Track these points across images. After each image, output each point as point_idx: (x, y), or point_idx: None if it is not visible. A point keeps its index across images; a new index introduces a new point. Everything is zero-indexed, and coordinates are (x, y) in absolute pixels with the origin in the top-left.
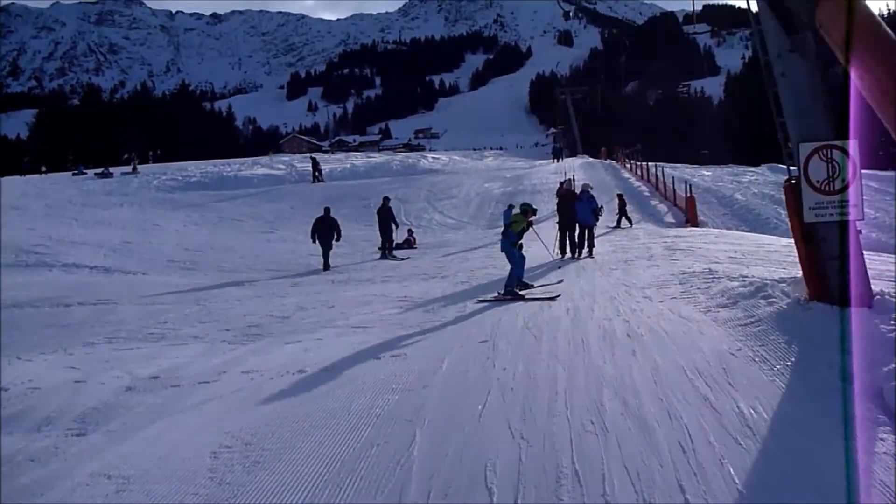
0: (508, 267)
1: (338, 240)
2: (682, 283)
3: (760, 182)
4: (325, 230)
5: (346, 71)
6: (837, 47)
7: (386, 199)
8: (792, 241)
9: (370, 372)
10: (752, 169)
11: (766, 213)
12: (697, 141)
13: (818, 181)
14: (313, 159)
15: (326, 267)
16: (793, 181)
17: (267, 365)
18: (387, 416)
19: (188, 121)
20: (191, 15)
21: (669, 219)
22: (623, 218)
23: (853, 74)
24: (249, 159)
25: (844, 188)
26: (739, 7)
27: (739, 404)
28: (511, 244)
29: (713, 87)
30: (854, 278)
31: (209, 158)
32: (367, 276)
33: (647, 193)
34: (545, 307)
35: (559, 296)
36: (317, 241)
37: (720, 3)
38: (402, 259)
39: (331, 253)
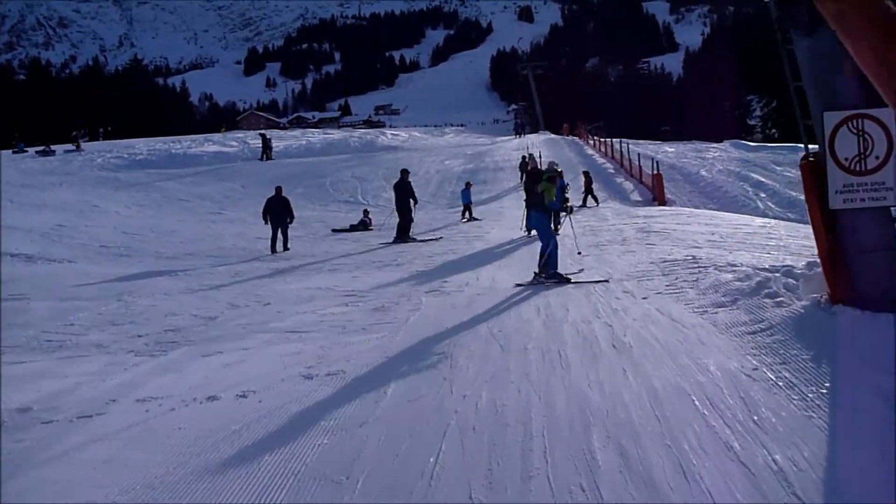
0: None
1: (290, 222)
2: (664, 274)
3: (724, 159)
4: (277, 211)
5: (304, 46)
6: (831, 16)
7: (405, 173)
8: (767, 221)
9: (297, 399)
10: (715, 145)
11: (734, 190)
12: (658, 117)
13: (847, 159)
14: (263, 136)
15: (274, 250)
16: (811, 158)
17: (172, 388)
18: (309, 472)
19: (141, 97)
20: None
21: (636, 197)
22: (589, 196)
23: (847, 44)
24: (202, 136)
25: (880, 166)
26: None
27: (774, 455)
28: (547, 218)
29: (673, 64)
30: (891, 277)
31: (163, 135)
32: (315, 264)
33: (611, 171)
34: (511, 305)
35: (607, 280)
36: (268, 223)
37: None
38: (432, 239)
39: (280, 235)
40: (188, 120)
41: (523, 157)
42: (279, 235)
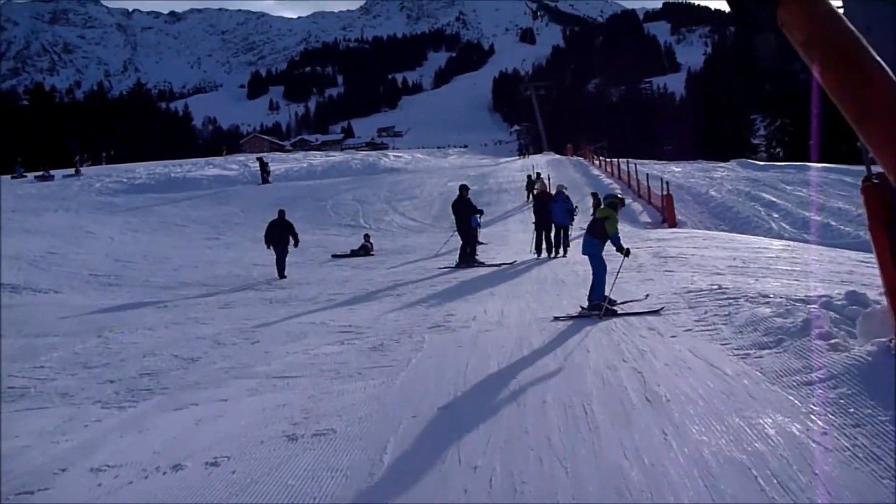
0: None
1: (295, 245)
2: (691, 307)
3: (733, 178)
4: (280, 235)
5: (307, 69)
6: (799, 45)
7: (464, 189)
8: (787, 244)
9: (276, 468)
10: (722, 164)
11: (745, 211)
12: (660, 137)
13: None
14: (260, 160)
15: (282, 275)
16: (875, 180)
17: (134, 453)
18: None
19: (144, 121)
20: (148, 13)
21: (645, 218)
22: None
23: (815, 72)
24: (203, 159)
25: None
26: (699, 4)
27: None
28: (599, 249)
29: (675, 84)
30: None
31: (165, 159)
32: (312, 294)
33: (620, 192)
34: (524, 344)
35: (662, 308)
36: (271, 248)
37: (680, 0)
38: (504, 264)
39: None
40: (191, 144)
41: (529, 177)
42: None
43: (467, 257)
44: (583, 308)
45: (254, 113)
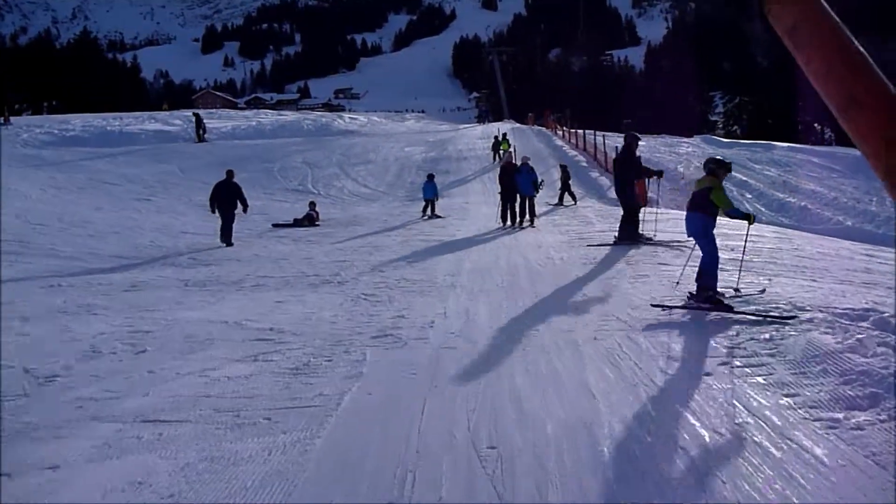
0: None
1: (244, 211)
2: (714, 322)
3: (699, 155)
4: (227, 198)
5: (264, 26)
6: (785, 32)
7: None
8: (779, 231)
9: None
10: (686, 140)
11: None
12: (620, 110)
13: None
14: (196, 115)
15: (229, 243)
16: None
17: None
18: None
19: (89, 71)
20: None
21: (613, 194)
22: (566, 193)
23: (800, 60)
24: (146, 113)
25: None
26: None
27: None
28: (708, 226)
29: (635, 58)
30: None
31: (111, 111)
32: (238, 275)
33: (585, 164)
34: (504, 376)
35: (794, 317)
36: (216, 212)
37: None
38: (675, 243)
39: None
40: (140, 97)
41: (495, 138)
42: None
43: (630, 233)
44: (691, 296)
45: (208, 68)
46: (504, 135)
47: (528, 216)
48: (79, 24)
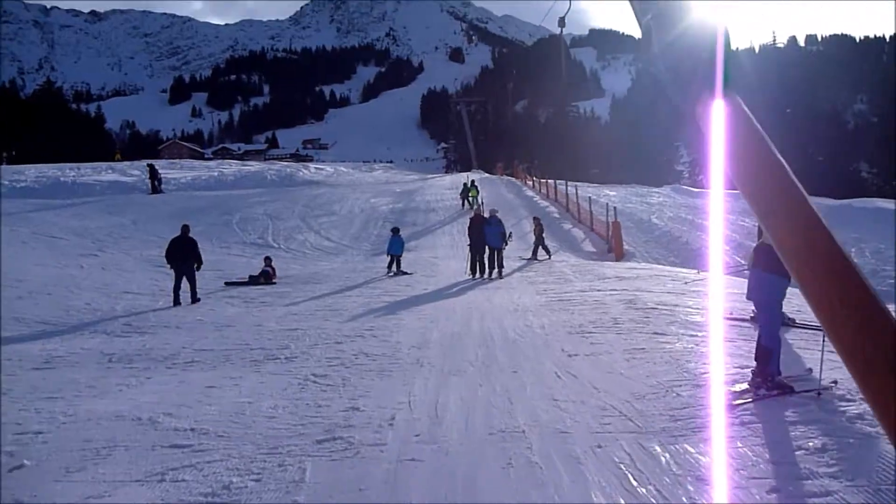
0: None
1: (198, 268)
2: (743, 422)
3: (671, 205)
4: (182, 254)
5: (232, 77)
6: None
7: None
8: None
9: None
10: (657, 190)
11: (693, 241)
12: (587, 160)
13: None
14: (151, 166)
15: (177, 301)
16: None
17: None
18: None
19: (52, 121)
20: (67, 11)
21: (588, 247)
22: (540, 247)
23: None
24: (105, 163)
25: None
26: (624, 33)
27: None
28: (779, 292)
29: (601, 109)
30: None
31: (72, 161)
32: (174, 348)
33: (556, 215)
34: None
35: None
36: (172, 268)
37: (606, 27)
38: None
39: (185, 283)
40: (103, 147)
41: (465, 185)
42: (183, 284)
43: None
44: (756, 386)
45: (175, 119)
46: (473, 181)
47: (496, 268)
48: (45, 74)
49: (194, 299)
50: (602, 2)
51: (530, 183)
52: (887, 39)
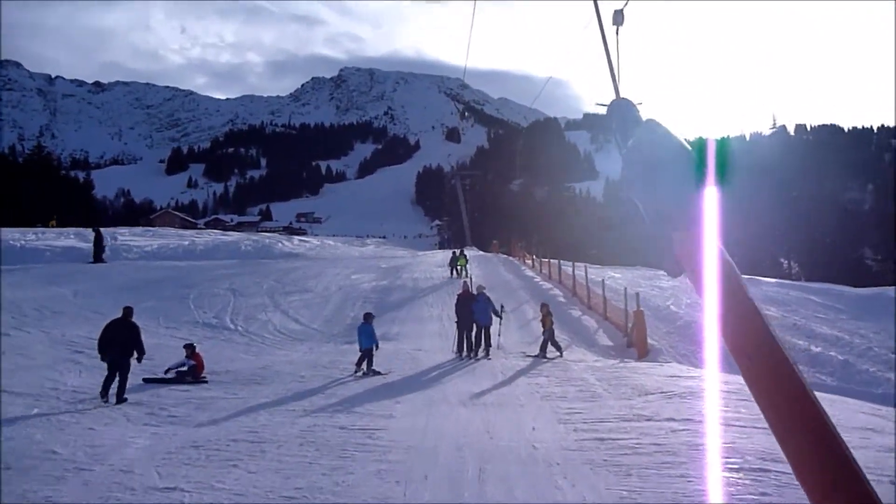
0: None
1: (139, 360)
2: None
3: (685, 289)
4: (119, 343)
5: (231, 150)
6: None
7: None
8: (875, 409)
9: None
10: (662, 273)
11: None
12: (585, 240)
13: None
14: (97, 231)
15: (105, 396)
16: None
17: None
18: None
19: (39, 185)
20: (72, 81)
21: (604, 339)
22: (549, 342)
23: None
24: (72, 229)
25: None
26: None
27: None
28: None
29: (596, 190)
30: None
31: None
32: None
33: (563, 300)
34: None
35: None
36: (106, 359)
37: (600, 112)
38: None
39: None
40: (91, 213)
41: (453, 253)
42: (117, 377)
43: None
44: None
45: (171, 189)
46: (461, 250)
47: (483, 346)
48: (45, 141)
49: (120, 398)
50: (596, 87)
51: (529, 262)
52: (874, 130)
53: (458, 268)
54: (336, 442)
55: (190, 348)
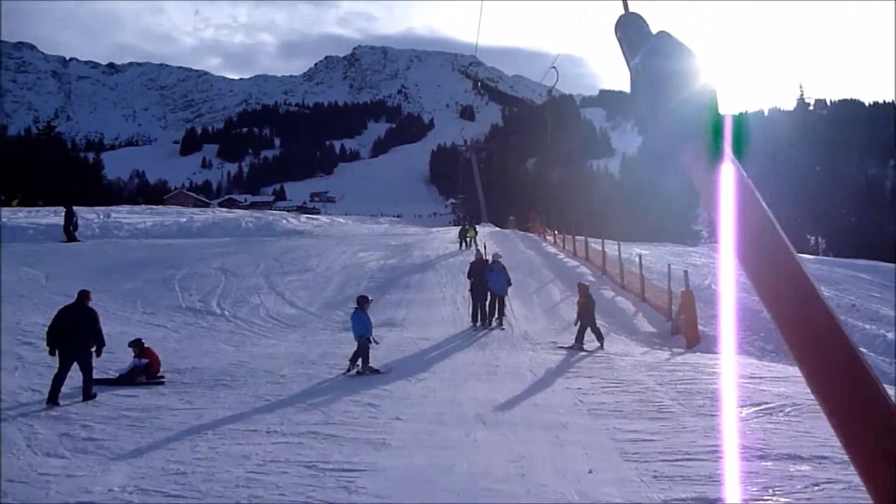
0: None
1: (98, 352)
2: None
3: (717, 265)
4: (73, 333)
5: (244, 130)
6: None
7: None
8: None
9: None
10: (694, 249)
11: None
12: (603, 217)
13: None
14: (67, 209)
15: (55, 399)
16: None
17: None
18: None
19: (50, 166)
20: (86, 63)
21: (644, 324)
22: (588, 330)
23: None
24: (50, 208)
25: None
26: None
27: None
28: None
29: (614, 166)
30: None
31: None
32: None
33: (591, 278)
34: None
35: None
36: (55, 353)
37: (615, 89)
38: None
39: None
40: (100, 193)
41: (463, 225)
42: (70, 374)
43: None
44: None
45: (185, 170)
46: (471, 221)
47: (497, 316)
48: (60, 123)
49: (87, 395)
50: (612, 64)
51: (550, 238)
52: None
53: (468, 239)
54: (293, 496)
55: (137, 345)
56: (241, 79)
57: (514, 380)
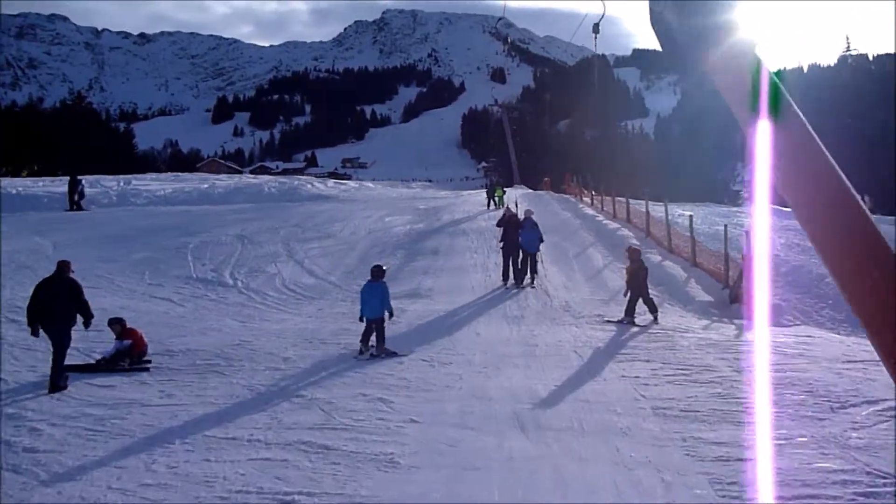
0: None
1: (85, 326)
2: None
3: (776, 228)
4: (55, 307)
5: (275, 97)
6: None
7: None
8: None
9: None
10: (737, 209)
11: None
12: (638, 178)
13: None
14: (71, 178)
15: (54, 386)
16: None
17: None
18: None
19: (81, 135)
20: (118, 33)
21: (699, 293)
22: (640, 301)
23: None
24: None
25: None
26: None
27: None
28: None
29: (647, 127)
30: None
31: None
32: None
33: (635, 242)
34: None
35: None
36: (39, 333)
37: (649, 48)
38: None
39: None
40: (132, 162)
41: (489, 183)
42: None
43: None
44: None
45: (217, 137)
46: (499, 180)
47: (529, 275)
48: (94, 94)
49: (55, 386)
50: (645, 23)
51: (588, 199)
52: None
53: (496, 199)
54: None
55: (118, 325)
56: (270, 46)
57: (556, 364)
